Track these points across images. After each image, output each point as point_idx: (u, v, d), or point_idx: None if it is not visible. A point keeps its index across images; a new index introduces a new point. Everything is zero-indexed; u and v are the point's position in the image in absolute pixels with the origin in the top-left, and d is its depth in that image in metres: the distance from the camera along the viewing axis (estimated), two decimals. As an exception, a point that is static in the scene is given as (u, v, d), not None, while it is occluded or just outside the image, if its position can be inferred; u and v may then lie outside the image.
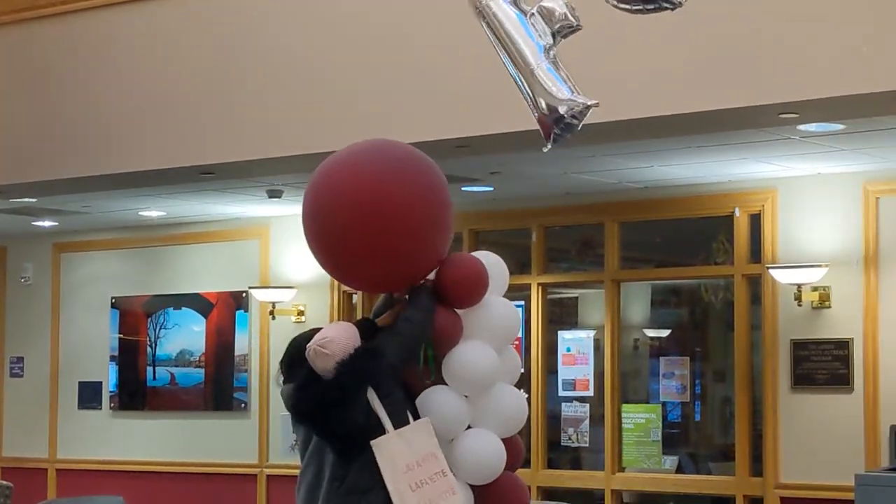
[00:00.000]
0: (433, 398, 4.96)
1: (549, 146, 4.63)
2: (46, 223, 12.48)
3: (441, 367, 5.00)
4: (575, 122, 4.56)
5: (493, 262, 5.23)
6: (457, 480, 4.93)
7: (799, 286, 9.42)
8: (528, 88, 4.62)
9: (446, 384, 4.98)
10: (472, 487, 5.03)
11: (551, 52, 4.59)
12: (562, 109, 4.53)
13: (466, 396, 5.03)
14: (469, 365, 4.99)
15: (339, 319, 11.45)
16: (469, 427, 5.05)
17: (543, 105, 4.58)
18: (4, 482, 10.70)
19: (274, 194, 10.50)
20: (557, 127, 4.56)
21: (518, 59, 4.61)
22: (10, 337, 13.63)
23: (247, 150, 8.98)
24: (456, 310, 5.05)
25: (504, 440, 5.11)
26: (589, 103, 4.53)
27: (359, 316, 11.20)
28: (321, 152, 8.56)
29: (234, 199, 11.02)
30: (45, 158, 9.91)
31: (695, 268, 10.86)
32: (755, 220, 9.86)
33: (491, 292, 5.15)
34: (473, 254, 5.28)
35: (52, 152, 9.88)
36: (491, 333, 5.08)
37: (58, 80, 9.89)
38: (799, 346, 9.55)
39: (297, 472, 5.22)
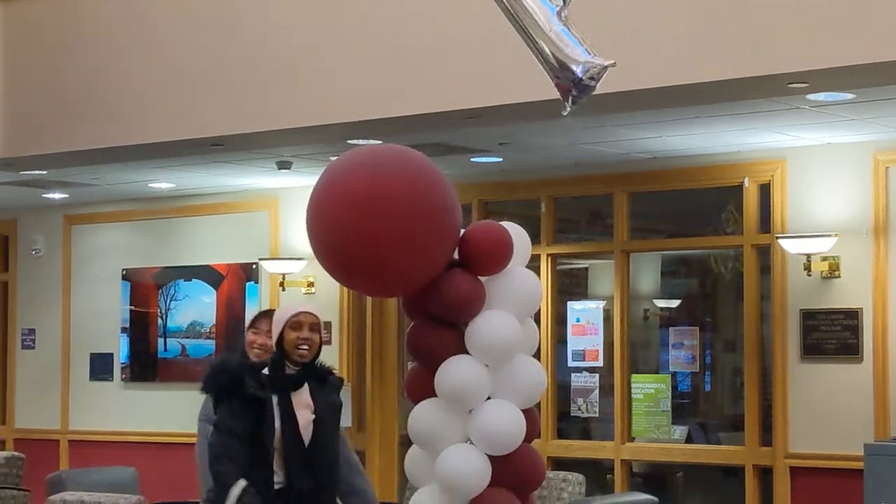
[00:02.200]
0: (454, 367, 4.95)
1: (569, 109, 4.62)
2: (57, 195, 12.49)
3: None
4: (592, 83, 4.55)
5: (515, 233, 5.23)
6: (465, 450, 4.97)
7: (808, 256, 9.41)
8: (544, 53, 4.61)
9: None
10: (490, 458, 5.02)
11: (563, 14, 4.59)
12: (578, 71, 4.53)
13: (487, 366, 5.02)
14: (492, 334, 4.98)
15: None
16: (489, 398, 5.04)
17: (560, 68, 4.57)
18: (17, 453, 10.76)
19: (283, 166, 10.50)
20: (576, 89, 4.56)
21: (532, 24, 4.60)
22: (22, 309, 13.67)
23: (256, 122, 8.98)
24: (479, 277, 5.05)
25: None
26: (606, 64, 4.53)
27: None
28: (330, 124, 8.67)
29: (244, 171, 11.02)
30: (55, 131, 9.92)
31: (704, 238, 10.83)
32: (764, 190, 9.84)
33: (514, 262, 5.15)
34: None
35: (62, 125, 9.89)
36: (514, 303, 5.06)
37: (68, 53, 9.89)
38: (808, 316, 9.54)
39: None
